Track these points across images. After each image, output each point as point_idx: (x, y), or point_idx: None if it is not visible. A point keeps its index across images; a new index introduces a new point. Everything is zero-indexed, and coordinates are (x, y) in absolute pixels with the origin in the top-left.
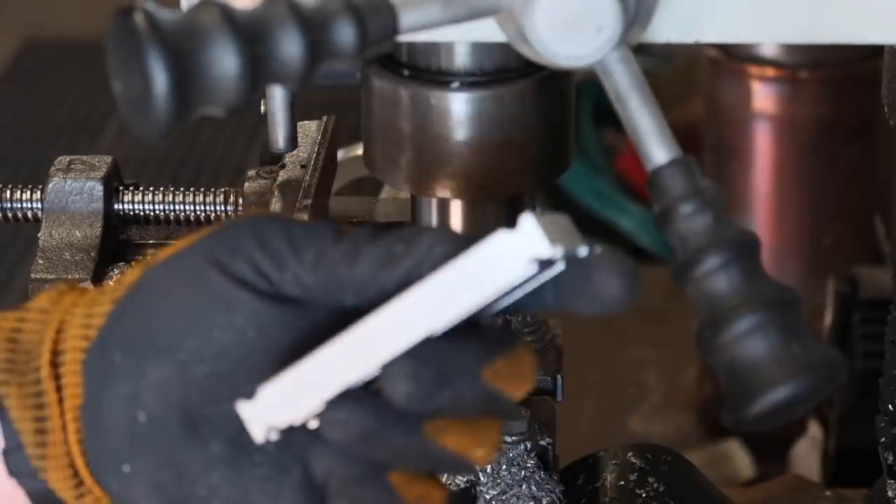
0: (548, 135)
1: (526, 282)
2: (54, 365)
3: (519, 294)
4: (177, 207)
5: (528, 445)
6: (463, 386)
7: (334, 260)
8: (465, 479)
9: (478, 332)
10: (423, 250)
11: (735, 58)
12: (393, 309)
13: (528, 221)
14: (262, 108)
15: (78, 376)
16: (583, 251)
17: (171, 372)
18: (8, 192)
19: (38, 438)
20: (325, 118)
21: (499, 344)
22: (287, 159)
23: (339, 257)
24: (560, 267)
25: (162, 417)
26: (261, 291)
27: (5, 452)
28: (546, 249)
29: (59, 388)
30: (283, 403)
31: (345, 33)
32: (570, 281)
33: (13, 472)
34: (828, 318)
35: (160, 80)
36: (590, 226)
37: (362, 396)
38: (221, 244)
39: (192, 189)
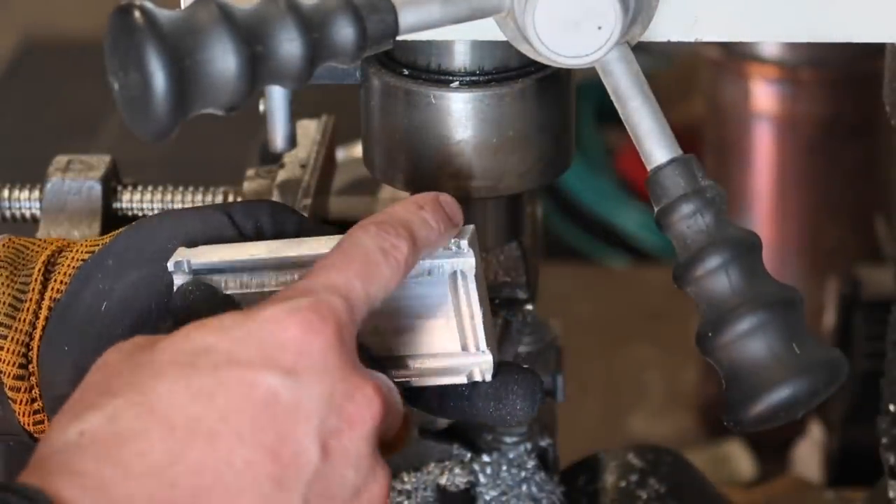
0: (548, 134)
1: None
2: (49, 265)
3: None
4: (175, 207)
5: (529, 446)
6: None
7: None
8: (465, 481)
9: None
10: None
11: (735, 57)
12: None
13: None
14: (262, 107)
15: (69, 277)
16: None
17: (146, 276)
18: (6, 191)
19: (7, 319)
20: (324, 117)
21: None
22: (286, 159)
23: None
24: (479, 378)
25: (120, 315)
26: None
27: None
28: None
29: (45, 283)
30: None
31: (344, 32)
32: (485, 393)
33: None
34: (829, 319)
35: (159, 78)
36: (590, 226)
37: None
38: (236, 204)
39: (190, 188)
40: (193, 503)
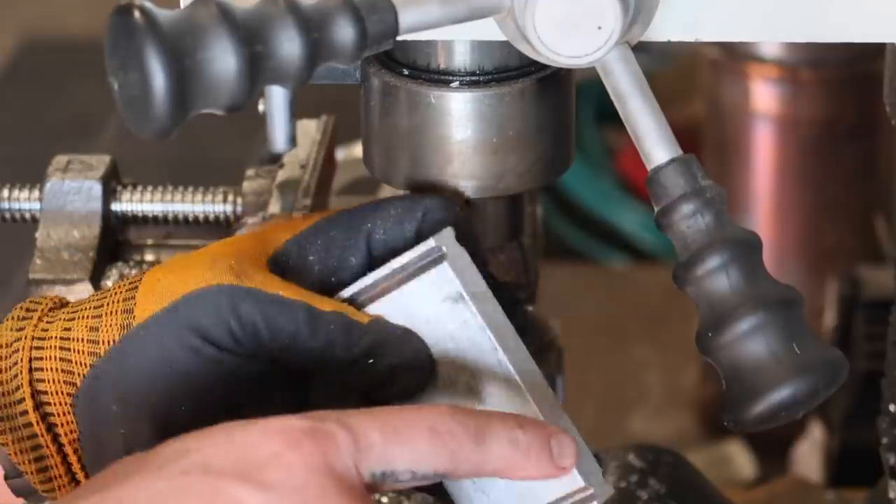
0: (548, 134)
1: None
2: (39, 405)
3: None
4: (175, 207)
5: None
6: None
7: (307, 343)
8: None
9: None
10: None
11: (735, 57)
12: None
13: None
14: (261, 107)
15: (70, 416)
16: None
17: (161, 420)
18: (6, 191)
19: (42, 476)
20: (324, 117)
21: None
22: (286, 159)
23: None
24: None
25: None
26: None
27: (9, 478)
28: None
29: (49, 426)
30: None
31: (344, 32)
32: None
33: (19, 492)
34: (829, 319)
35: (159, 78)
36: (590, 226)
37: None
38: (202, 312)
39: (190, 189)
40: None
